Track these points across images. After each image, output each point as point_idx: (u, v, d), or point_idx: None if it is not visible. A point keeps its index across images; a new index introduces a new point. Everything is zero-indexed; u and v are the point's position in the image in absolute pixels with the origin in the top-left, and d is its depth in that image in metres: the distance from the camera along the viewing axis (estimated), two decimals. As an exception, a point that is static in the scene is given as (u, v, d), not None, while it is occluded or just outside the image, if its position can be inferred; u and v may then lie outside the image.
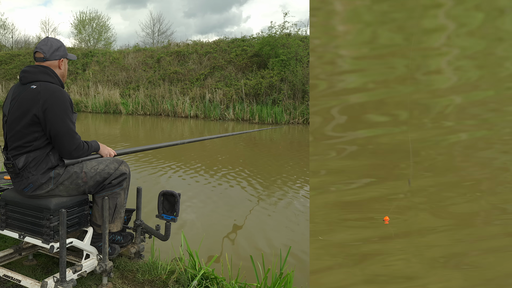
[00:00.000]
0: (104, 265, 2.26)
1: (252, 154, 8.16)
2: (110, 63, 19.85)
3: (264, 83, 14.85)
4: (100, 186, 2.29)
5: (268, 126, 12.94)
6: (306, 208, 4.29)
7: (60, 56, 2.25)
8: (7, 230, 2.23)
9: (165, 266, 2.48)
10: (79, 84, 18.89)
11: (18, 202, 2.19)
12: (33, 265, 2.54)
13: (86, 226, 2.32)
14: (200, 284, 2.26)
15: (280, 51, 15.26)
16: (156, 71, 18.32)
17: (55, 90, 2.11)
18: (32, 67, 2.18)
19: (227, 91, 15.58)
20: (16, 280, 2.14)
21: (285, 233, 3.65)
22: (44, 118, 2.06)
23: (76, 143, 2.14)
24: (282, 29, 15.99)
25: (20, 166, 2.09)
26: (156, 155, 7.11)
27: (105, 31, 28.88)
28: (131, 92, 17.49)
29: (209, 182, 5.49)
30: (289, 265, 2.53)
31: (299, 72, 14.34)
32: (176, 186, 5.25)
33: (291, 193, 4.99)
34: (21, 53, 22.56)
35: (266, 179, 5.76)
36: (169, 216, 2.56)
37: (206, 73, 17.14)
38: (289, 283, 2.18)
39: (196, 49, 18.51)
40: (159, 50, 19.95)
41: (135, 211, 2.68)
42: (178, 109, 15.58)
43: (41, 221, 2.10)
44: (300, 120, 13.49)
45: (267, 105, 14.28)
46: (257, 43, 16.97)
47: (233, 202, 4.65)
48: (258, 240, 3.49)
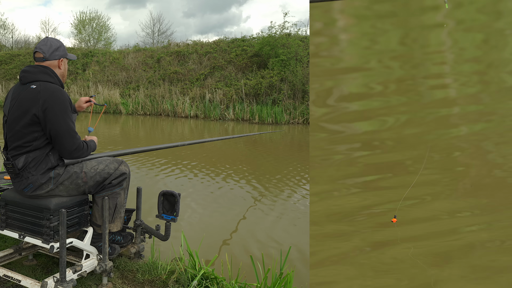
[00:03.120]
0: (104, 265, 2.26)
1: (252, 154, 8.16)
2: (110, 63, 19.84)
3: (264, 83, 14.85)
4: (100, 186, 2.29)
5: (268, 126, 12.94)
6: (307, 208, 4.29)
7: (60, 56, 2.25)
8: (7, 230, 2.23)
9: (165, 266, 2.48)
10: (79, 84, 18.88)
11: (18, 202, 2.19)
12: (33, 265, 2.54)
13: (86, 226, 2.32)
14: (200, 284, 2.26)
15: (280, 51, 15.26)
16: (156, 71, 18.32)
17: (54, 90, 2.11)
18: (32, 67, 2.18)
19: (227, 91, 15.58)
20: (16, 280, 2.14)
21: (285, 233, 3.65)
22: (44, 118, 2.06)
23: (76, 143, 2.14)
24: (282, 29, 16.03)
25: (20, 166, 2.09)
26: (156, 155, 7.11)
27: (105, 31, 28.91)
28: (131, 92, 17.49)
29: (209, 182, 5.49)
30: (289, 265, 2.53)
31: (299, 72, 14.34)
32: (176, 186, 5.25)
33: (291, 193, 4.98)
34: (21, 53, 22.56)
35: (266, 179, 5.76)
36: (169, 216, 2.56)
37: (206, 73, 17.14)
38: (289, 283, 2.18)
39: (196, 49, 18.51)
40: (159, 50, 19.95)
41: (135, 211, 2.68)
42: (178, 109, 15.57)
43: (41, 221, 2.10)
44: (300, 120, 13.48)
45: (267, 105, 14.27)
46: (257, 43, 16.98)
47: (233, 202, 4.65)
48: (258, 240, 3.48)
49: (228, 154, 7.98)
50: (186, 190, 5.02)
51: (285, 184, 5.45)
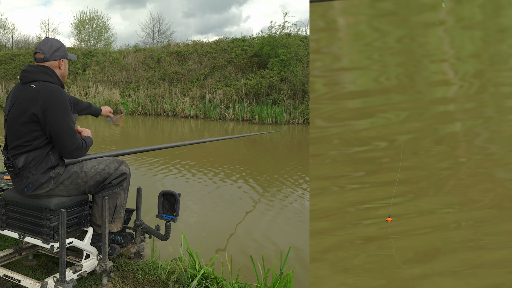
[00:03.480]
0: (104, 265, 2.26)
1: (252, 154, 8.16)
2: (110, 63, 19.84)
3: (264, 83, 14.84)
4: (100, 186, 2.29)
5: (268, 126, 12.94)
6: (306, 207, 4.29)
7: (60, 56, 2.25)
8: (7, 230, 2.23)
9: (165, 266, 2.48)
10: (79, 84, 18.87)
11: (18, 202, 2.19)
12: (33, 265, 2.54)
13: (86, 226, 2.32)
14: (200, 284, 2.26)
15: (280, 51, 15.25)
16: (156, 71, 18.32)
17: (54, 89, 2.11)
18: (32, 66, 2.18)
19: (227, 91, 15.58)
20: (16, 280, 2.14)
21: (285, 233, 3.65)
22: (44, 117, 2.06)
23: (76, 143, 2.14)
24: (282, 29, 16.01)
25: (20, 165, 2.09)
26: (156, 155, 7.11)
27: (105, 31, 28.90)
28: (131, 92, 17.48)
29: (209, 182, 5.49)
30: (289, 265, 2.53)
31: (299, 72, 14.33)
32: (176, 186, 5.25)
33: (291, 193, 4.98)
34: (21, 53, 22.55)
35: (266, 179, 5.76)
36: (169, 216, 2.56)
37: (206, 73, 17.13)
38: (289, 283, 2.18)
39: (196, 49, 18.51)
40: (159, 50, 19.94)
41: (135, 211, 2.68)
42: (178, 109, 15.57)
43: (41, 221, 2.10)
44: (300, 120, 13.48)
45: (267, 105, 14.27)
46: (257, 43, 16.97)
47: (233, 202, 4.65)
48: (258, 240, 3.49)
49: (228, 154, 7.98)
50: (186, 190, 5.02)
51: (285, 184, 5.45)
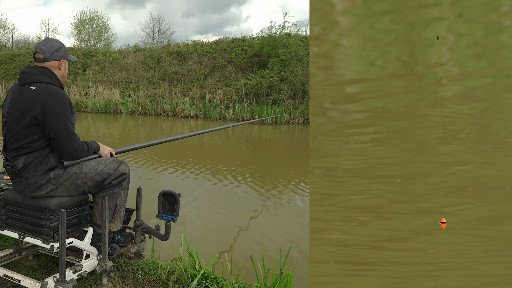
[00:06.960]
0: (104, 265, 2.26)
1: (252, 154, 8.16)
2: (110, 63, 19.84)
3: (264, 83, 14.84)
4: (100, 186, 2.29)
5: (268, 126, 12.94)
6: (306, 208, 4.29)
7: (60, 57, 2.25)
8: (7, 230, 2.23)
9: (165, 266, 2.48)
10: (79, 84, 18.88)
11: (18, 202, 2.19)
12: (33, 265, 2.54)
13: (86, 226, 2.32)
14: (200, 284, 2.26)
15: (280, 51, 15.25)
16: (156, 71, 18.32)
17: (54, 91, 2.11)
18: (31, 68, 2.18)
19: (227, 91, 15.58)
20: (16, 280, 2.14)
21: (285, 233, 3.65)
22: (43, 119, 2.06)
23: (75, 145, 2.14)
24: (282, 29, 16.01)
25: (20, 167, 2.09)
26: (156, 155, 7.11)
27: (105, 31, 28.89)
28: (131, 92, 17.48)
29: (209, 182, 5.49)
30: (289, 265, 2.53)
31: (299, 72, 14.34)
32: (176, 186, 5.25)
33: (291, 193, 4.98)
34: (21, 53, 22.55)
35: (266, 179, 5.76)
36: (169, 216, 2.56)
37: (206, 73, 17.13)
38: (289, 283, 2.18)
39: (196, 49, 18.51)
40: (159, 50, 19.94)
41: (135, 211, 2.68)
42: (178, 109, 15.57)
43: (41, 221, 2.10)
44: (300, 120, 13.48)
45: (267, 105, 14.28)
46: (257, 43, 16.97)
47: (233, 202, 4.65)
48: (258, 240, 3.49)
49: (228, 154, 7.98)
50: (186, 190, 5.02)
51: (285, 184, 5.45)
